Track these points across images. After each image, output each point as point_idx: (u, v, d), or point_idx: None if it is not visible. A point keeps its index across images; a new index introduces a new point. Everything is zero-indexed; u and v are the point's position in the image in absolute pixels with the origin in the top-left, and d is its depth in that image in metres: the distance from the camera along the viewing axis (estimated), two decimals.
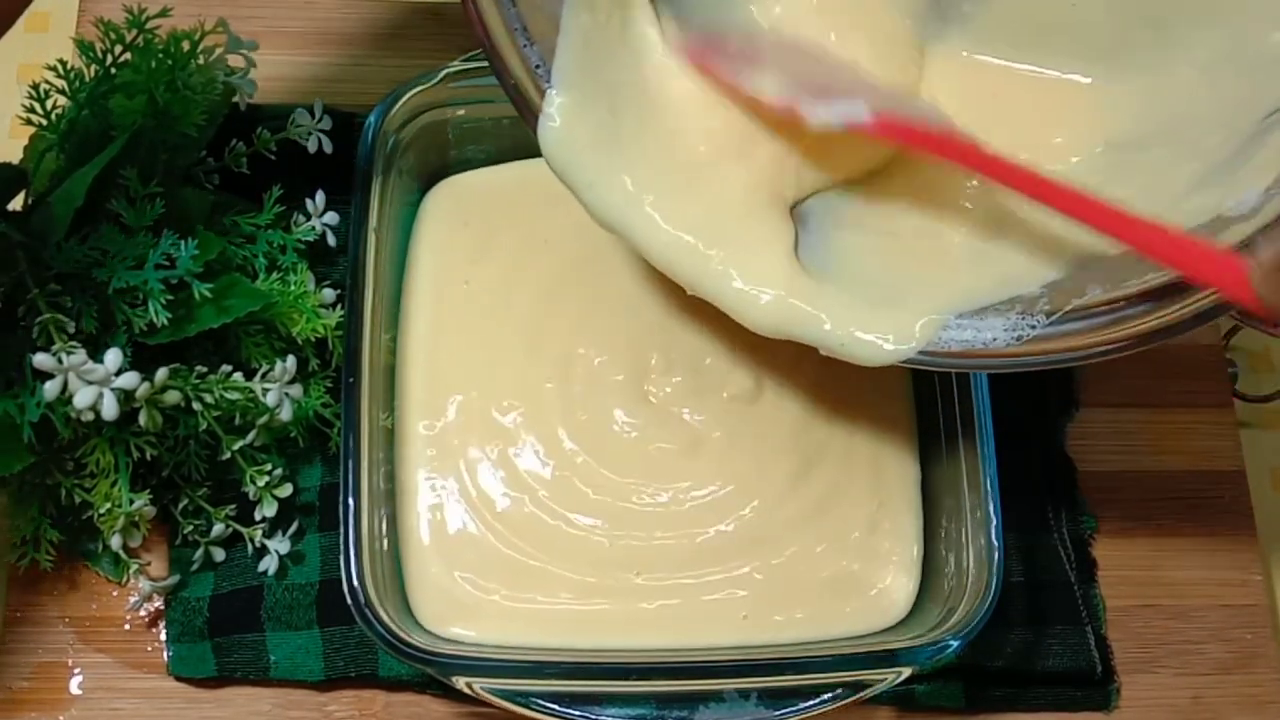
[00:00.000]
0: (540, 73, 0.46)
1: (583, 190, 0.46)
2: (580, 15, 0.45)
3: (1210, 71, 0.44)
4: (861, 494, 0.56)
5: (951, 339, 0.43)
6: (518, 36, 0.45)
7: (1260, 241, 0.38)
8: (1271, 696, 0.60)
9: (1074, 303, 0.42)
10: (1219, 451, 0.64)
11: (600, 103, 0.45)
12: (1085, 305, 0.42)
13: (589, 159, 0.46)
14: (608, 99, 0.45)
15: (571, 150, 0.46)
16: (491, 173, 0.61)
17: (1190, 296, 0.40)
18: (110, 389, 0.49)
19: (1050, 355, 0.42)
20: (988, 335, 0.43)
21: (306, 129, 0.60)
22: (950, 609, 0.51)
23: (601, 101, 0.45)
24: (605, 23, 0.45)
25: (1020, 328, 0.43)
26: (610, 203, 0.46)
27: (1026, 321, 0.43)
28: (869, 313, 0.44)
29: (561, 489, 0.55)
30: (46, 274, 0.52)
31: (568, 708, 0.50)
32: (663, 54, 0.45)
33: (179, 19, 0.56)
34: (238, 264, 0.57)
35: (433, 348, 0.57)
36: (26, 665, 0.57)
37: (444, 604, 0.53)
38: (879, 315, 0.44)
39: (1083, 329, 0.42)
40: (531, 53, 0.46)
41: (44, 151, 0.54)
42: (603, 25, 0.45)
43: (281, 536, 0.57)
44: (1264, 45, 0.43)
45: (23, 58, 0.71)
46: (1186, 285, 0.40)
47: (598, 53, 0.45)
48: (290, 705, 0.57)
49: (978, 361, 0.44)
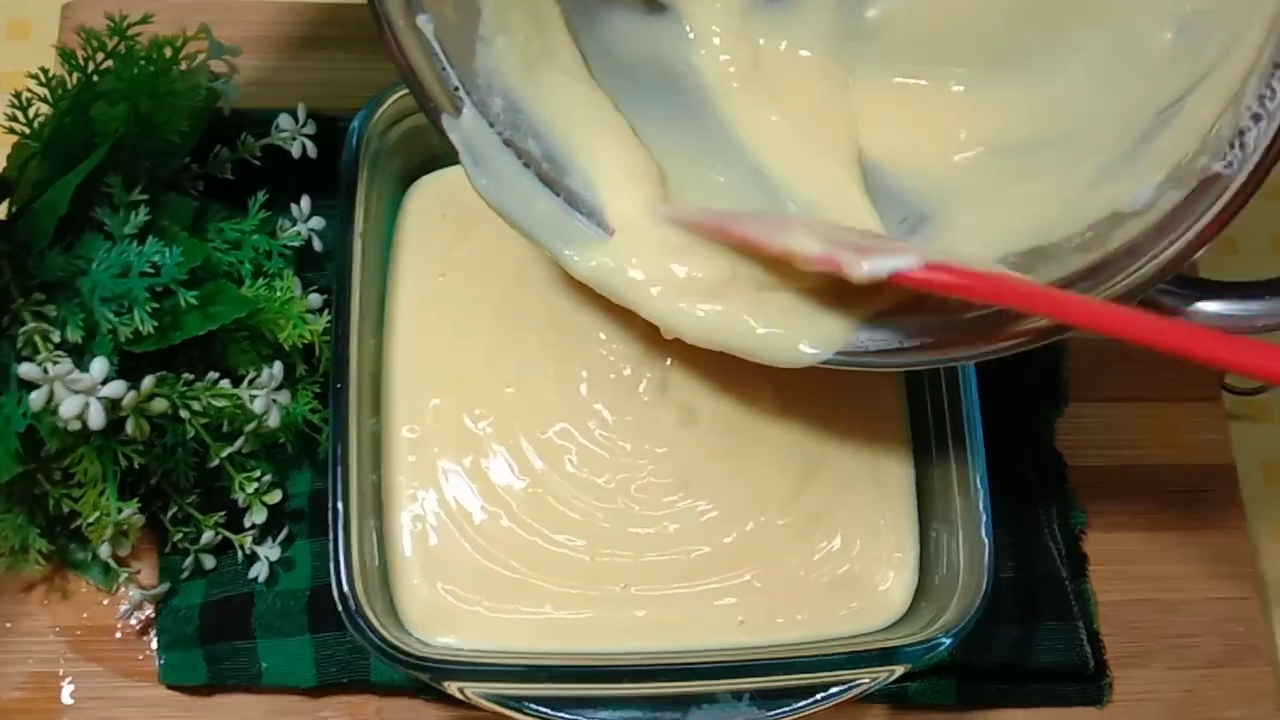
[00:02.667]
0: (459, 95, 0.46)
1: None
2: (497, 39, 0.47)
3: (1101, 71, 0.45)
4: (861, 500, 0.55)
5: (867, 340, 0.45)
6: (435, 60, 0.46)
7: None
8: (1264, 689, 0.60)
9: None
10: (1209, 445, 0.64)
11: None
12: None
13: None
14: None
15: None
16: None
17: (1118, 276, 0.41)
18: (97, 398, 0.49)
19: (949, 352, 0.44)
20: (902, 334, 0.44)
21: (290, 134, 0.60)
22: (942, 606, 0.51)
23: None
24: (524, 45, 0.47)
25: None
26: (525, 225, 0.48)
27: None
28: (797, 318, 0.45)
29: (536, 506, 0.54)
30: (31, 283, 0.52)
31: (560, 711, 0.49)
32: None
33: (161, 26, 0.55)
34: (223, 270, 0.56)
35: (414, 349, 0.57)
36: (18, 675, 0.57)
37: (428, 614, 0.52)
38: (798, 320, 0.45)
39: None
40: (451, 75, 0.46)
41: (27, 160, 0.54)
42: (521, 46, 0.47)
43: (271, 543, 0.57)
44: (1152, 44, 0.43)
45: (5, 65, 0.71)
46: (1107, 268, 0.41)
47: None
48: (283, 712, 0.57)
49: (895, 360, 0.45)
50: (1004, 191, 0.45)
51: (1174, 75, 0.41)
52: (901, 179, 0.49)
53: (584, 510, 0.54)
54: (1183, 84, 0.41)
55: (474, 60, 0.47)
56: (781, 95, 0.51)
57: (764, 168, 0.50)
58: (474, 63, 0.47)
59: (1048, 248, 0.42)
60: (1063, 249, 0.42)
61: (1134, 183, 0.40)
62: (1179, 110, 0.41)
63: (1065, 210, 0.42)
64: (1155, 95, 0.42)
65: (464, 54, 0.46)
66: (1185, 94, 0.40)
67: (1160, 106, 0.42)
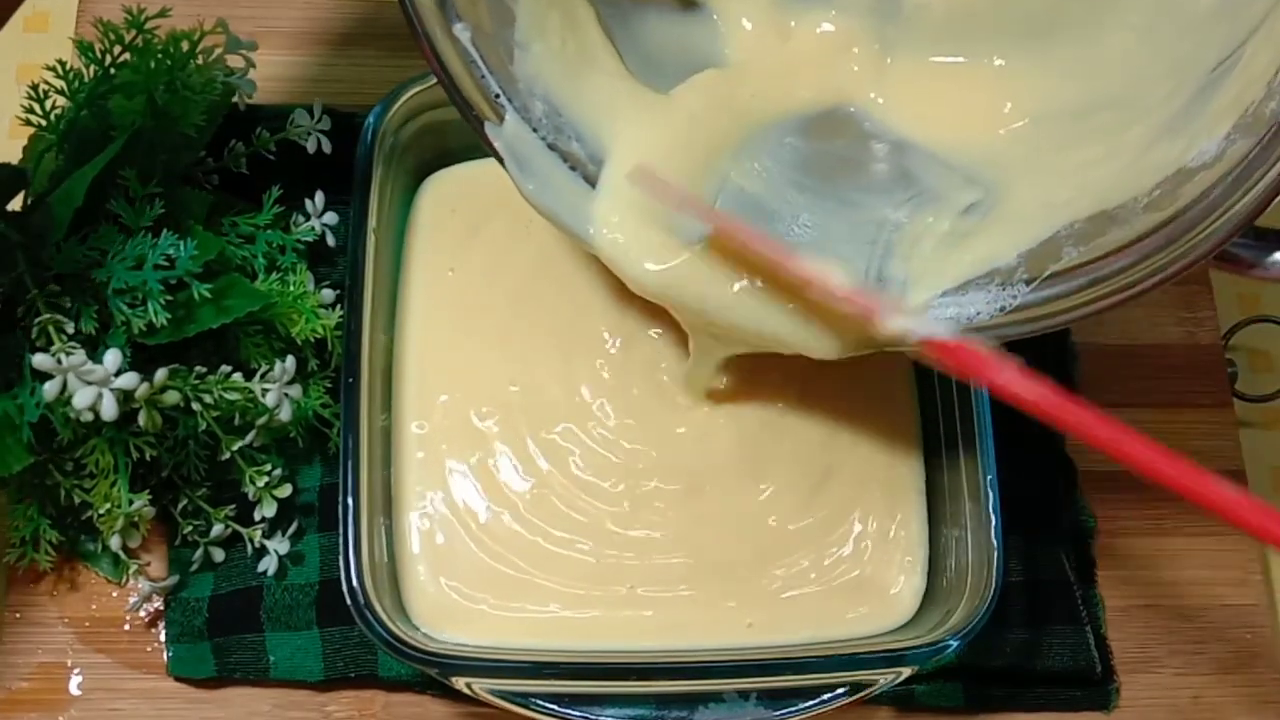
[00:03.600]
0: (500, 101, 0.46)
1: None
2: (533, 44, 0.46)
3: (1145, 33, 0.45)
4: (873, 504, 0.55)
5: (937, 319, 0.44)
6: (474, 68, 0.46)
7: None
8: (1272, 696, 0.60)
9: (1051, 268, 0.42)
10: (1219, 451, 0.64)
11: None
12: (1063, 269, 0.42)
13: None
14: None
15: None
16: (481, 164, 0.60)
17: (1162, 254, 0.40)
18: (109, 389, 0.49)
19: (1035, 321, 0.43)
20: (971, 310, 0.44)
21: (306, 129, 0.60)
22: (950, 609, 0.51)
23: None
24: (560, 49, 0.47)
25: (1001, 299, 0.43)
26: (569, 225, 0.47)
27: (1007, 293, 0.43)
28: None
29: (541, 506, 0.54)
30: (46, 274, 0.52)
31: (567, 708, 0.49)
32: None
33: (178, 19, 0.56)
34: (237, 264, 0.57)
35: (424, 345, 0.57)
36: (26, 666, 0.57)
37: (435, 610, 0.52)
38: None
39: (1062, 292, 0.42)
40: (491, 82, 0.46)
41: (43, 152, 0.54)
42: (558, 50, 0.47)
43: (281, 537, 0.57)
44: (1198, 3, 0.43)
45: (22, 58, 0.71)
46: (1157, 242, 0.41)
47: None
48: (290, 705, 0.57)
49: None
50: (1056, 160, 0.44)
51: (1223, 29, 0.41)
52: (951, 158, 0.49)
53: (589, 512, 0.54)
54: (1235, 37, 0.40)
55: (512, 66, 0.46)
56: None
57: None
58: (513, 69, 0.46)
59: (1114, 211, 0.42)
60: (1130, 210, 0.41)
61: (1198, 138, 0.40)
62: (1237, 60, 0.40)
63: (1125, 172, 0.42)
64: (1205, 52, 0.42)
65: (502, 61, 0.46)
66: (1241, 44, 0.40)
67: (1213, 63, 0.41)
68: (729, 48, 0.51)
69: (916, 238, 0.46)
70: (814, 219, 0.48)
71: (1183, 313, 0.66)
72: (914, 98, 0.50)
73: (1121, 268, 0.41)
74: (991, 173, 0.47)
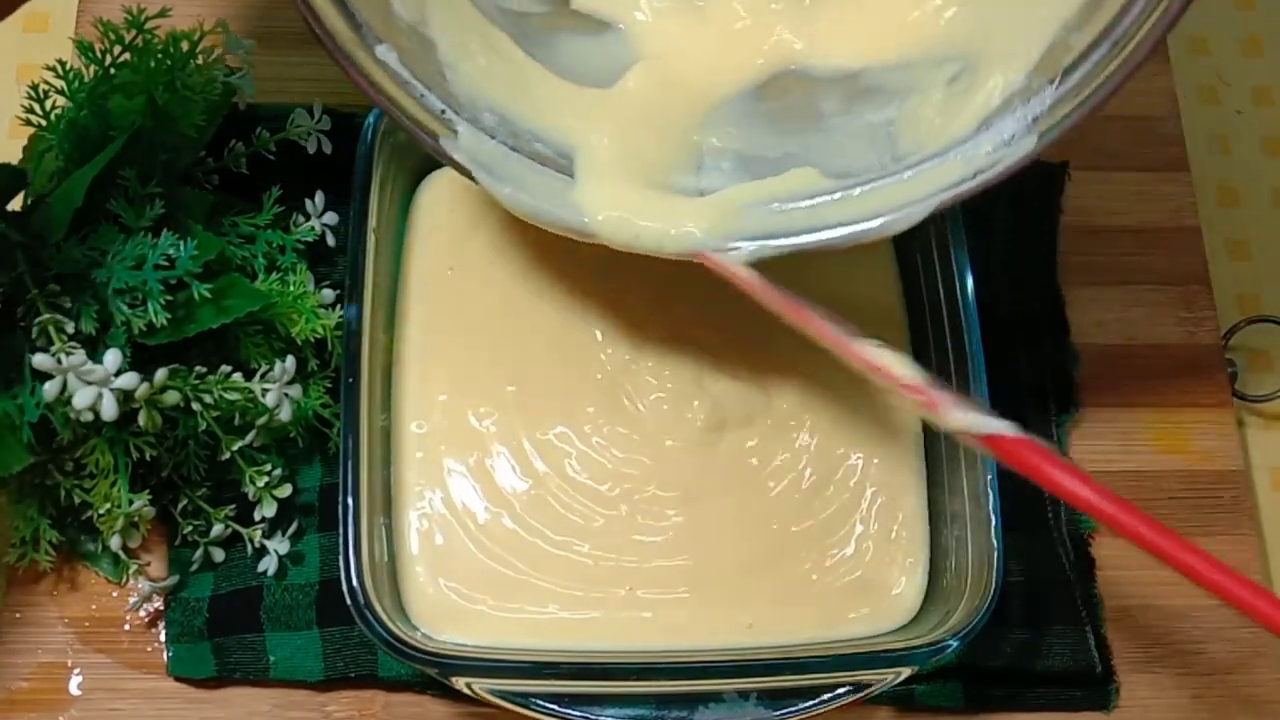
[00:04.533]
0: (447, 116, 0.46)
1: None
2: (461, 65, 0.46)
3: None
4: (874, 505, 0.55)
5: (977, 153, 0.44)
6: (410, 88, 0.45)
7: None
8: (1272, 696, 0.60)
9: (1066, 60, 0.43)
10: (1219, 451, 0.64)
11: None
12: (1079, 54, 0.42)
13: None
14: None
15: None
16: None
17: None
18: (109, 389, 0.49)
19: (1084, 103, 0.43)
20: (1005, 134, 0.44)
21: (306, 129, 0.60)
22: (950, 609, 0.51)
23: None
24: (489, 68, 0.47)
25: (1031, 111, 0.43)
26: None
27: (1034, 104, 0.43)
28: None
29: (538, 508, 0.54)
30: (46, 274, 0.52)
31: (567, 708, 0.49)
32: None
33: (178, 19, 0.56)
34: (237, 264, 0.57)
35: (423, 344, 0.56)
36: (26, 666, 0.57)
37: (434, 610, 0.52)
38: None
39: (1092, 68, 0.42)
40: (432, 100, 0.46)
41: (43, 152, 0.54)
42: (485, 70, 0.47)
43: (281, 537, 0.57)
44: None
45: (22, 58, 0.71)
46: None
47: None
48: (290, 705, 0.57)
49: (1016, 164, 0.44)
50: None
51: None
52: (910, 61, 0.49)
53: (586, 515, 0.54)
54: None
55: (448, 84, 0.46)
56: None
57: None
58: (449, 87, 0.46)
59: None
60: None
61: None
62: None
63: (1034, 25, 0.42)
64: None
65: (437, 79, 0.46)
66: None
67: None
68: (649, 45, 0.51)
69: (915, 117, 0.46)
70: (804, 147, 0.48)
71: (1183, 313, 0.66)
72: (846, 26, 0.50)
73: (1139, 12, 0.41)
74: (958, 48, 0.47)
